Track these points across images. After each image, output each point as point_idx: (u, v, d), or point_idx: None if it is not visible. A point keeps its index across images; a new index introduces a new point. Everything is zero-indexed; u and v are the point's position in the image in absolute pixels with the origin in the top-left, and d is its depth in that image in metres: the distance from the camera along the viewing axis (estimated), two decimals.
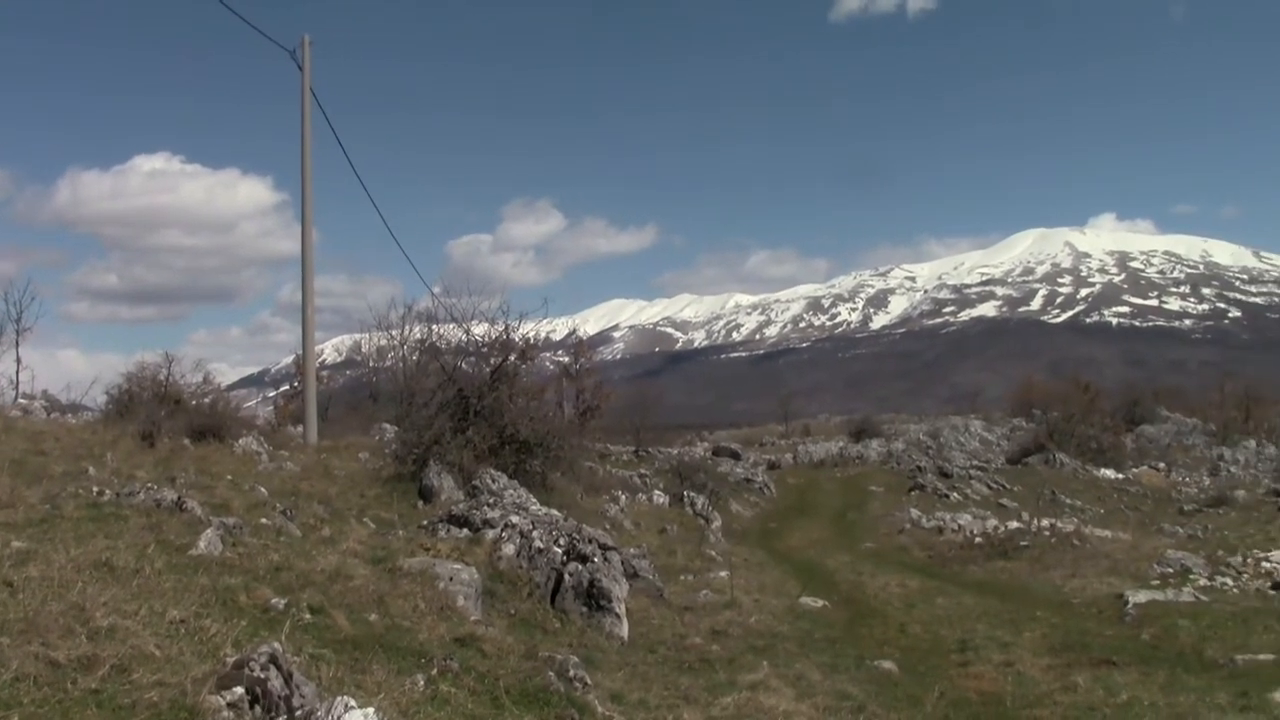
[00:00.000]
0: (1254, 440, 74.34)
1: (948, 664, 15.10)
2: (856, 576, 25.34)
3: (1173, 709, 11.91)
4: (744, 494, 46.42)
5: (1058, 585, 23.87)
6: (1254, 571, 24.35)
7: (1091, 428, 64.71)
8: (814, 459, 66.19)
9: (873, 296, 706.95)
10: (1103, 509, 44.12)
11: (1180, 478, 58.98)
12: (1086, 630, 17.66)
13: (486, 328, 31.24)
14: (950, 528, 34.71)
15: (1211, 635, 16.27)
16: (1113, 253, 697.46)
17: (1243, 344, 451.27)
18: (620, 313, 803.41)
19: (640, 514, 31.61)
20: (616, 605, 13.81)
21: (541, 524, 15.27)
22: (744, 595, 19.11)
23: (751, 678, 12.39)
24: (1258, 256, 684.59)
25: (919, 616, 19.27)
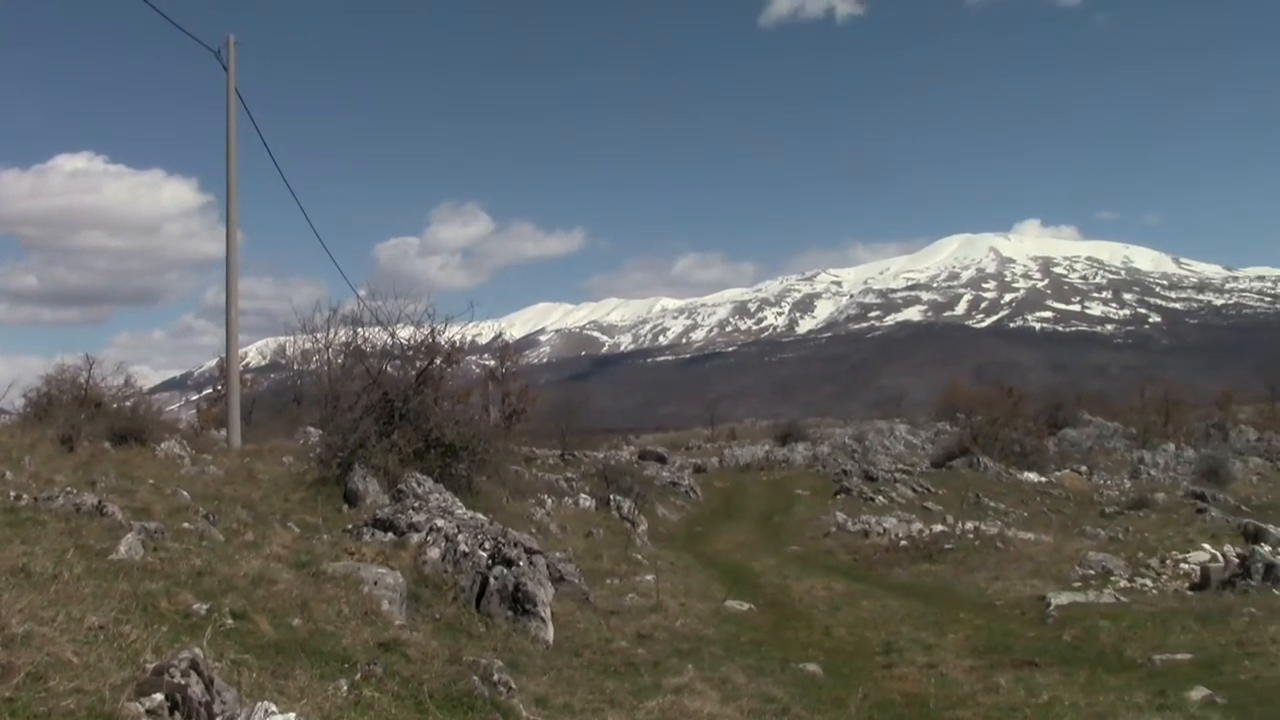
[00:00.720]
0: (1173, 443, 75.35)
1: (872, 666, 15.19)
2: (782, 580, 25.42)
3: (1093, 709, 12.03)
4: (670, 498, 46.48)
5: (981, 587, 24.05)
6: (1173, 573, 24.66)
7: (1015, 431, 65.35)
8: (740, 462, 66.43)
9: (799, 301, 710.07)
10: (1026, 512, 44.52)
11: (1102, 481, 59.62)
12: (1009, 632, 17.81)
13: (412, 331, 31.08)
14: (875, 531, 34.89)
15: (1131, 636, 16.46)
16: (1036, 258, 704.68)
17: (1163, 349, 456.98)
18: (547, 316, 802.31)
19: (566, 518, 31.60)
20: (542, 609, 13.78)
21: (467, 528, 15.21)
22: (670, 599, 19.12)
23: (677, 681, 12.39)
24: (1177, 263, 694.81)
25: (844, 619, 19.35)
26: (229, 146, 32.81)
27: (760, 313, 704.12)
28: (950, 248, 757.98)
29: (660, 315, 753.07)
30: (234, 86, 32.72)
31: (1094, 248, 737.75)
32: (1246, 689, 12.72)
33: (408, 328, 31.41)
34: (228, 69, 32.70)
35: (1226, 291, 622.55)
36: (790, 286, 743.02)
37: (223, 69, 32.77)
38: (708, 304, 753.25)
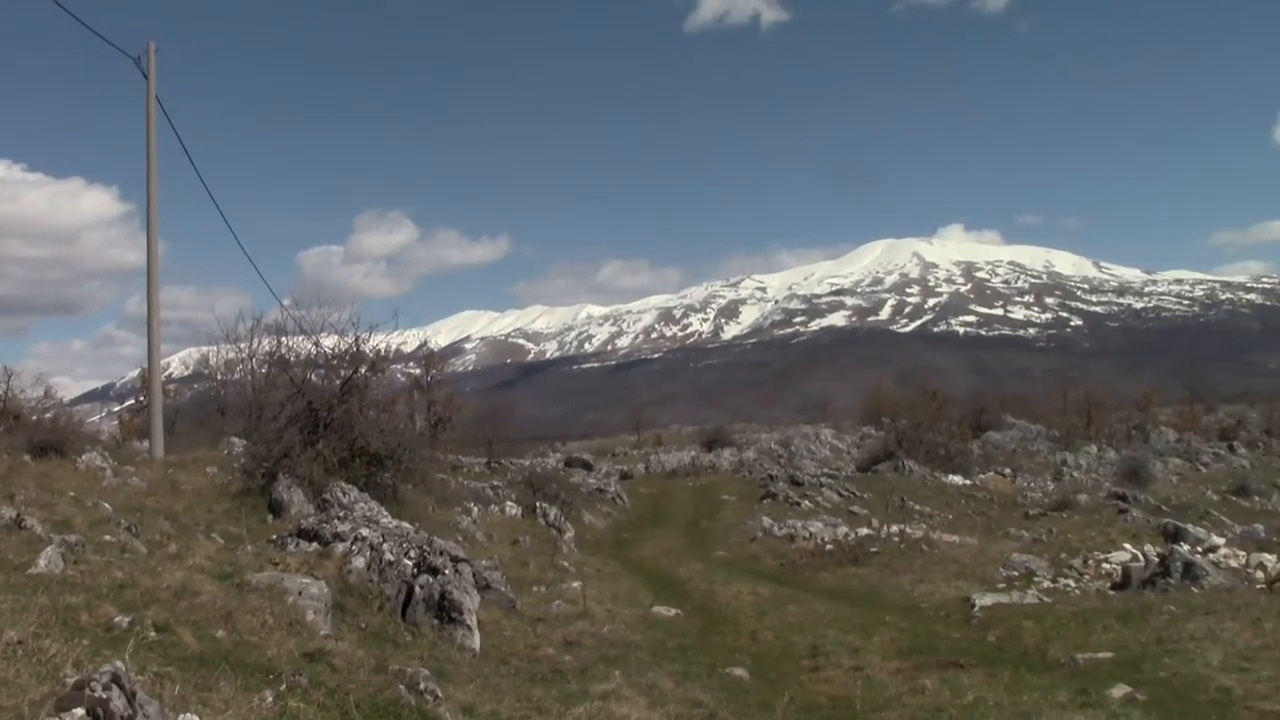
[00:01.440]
0: (1095, 445, 76.27)
1: (799, 669, 15.24)
2: (709, 585, 25.45)
3: (1016, 708, 12.14)
4: (597, 504, 46.43)
5: (907, 590, 24.20)
6: (1095, 572, 24.94)
7: (939, 435, 65.81)
8: (666, 469, 66.45)
9: (724, 307, 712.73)
10: (951, 514, 44.83)
11: (1025, 483, 60.20)
12: (934, 633, 17.92)
13: (337, 340, 30.92)
14: (801, 535, 35.01)
15: (1054, 635, 16.61)
16: (959, 263, 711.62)
17: (1084, 352, 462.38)
18: (472, 324, 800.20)
19: (493, 526, 31.51)
20: (468, 617, 13.75)
21: (392, 537, 15.15)
22: (597, 605, 19.11)
23: (604, 687, 12.39)
24: (1098, 267, 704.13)
25: (770, 623, 19.40)
26: (149, 155, 32.53)
27: (685, 319, 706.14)
28: (874, 253, 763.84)
29: (586, 322, 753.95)
30: (154, 94, 32.46)
31: (1016, 252, 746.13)
32: (1166, 686, 12.89)
33: (332, 336, 31.26)
34: (148, 77, 32.44)
35: (1146, 295, 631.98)
36: (715, 293, 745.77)
37: (143, 76, 32.51)
38: (633, 311, 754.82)
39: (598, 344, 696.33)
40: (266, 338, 43.24)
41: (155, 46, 32.99)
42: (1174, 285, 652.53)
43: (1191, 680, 13.02)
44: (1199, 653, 14.16)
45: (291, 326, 33.63)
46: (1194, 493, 59.56)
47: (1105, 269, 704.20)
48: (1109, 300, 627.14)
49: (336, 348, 30.66)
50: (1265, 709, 11.56)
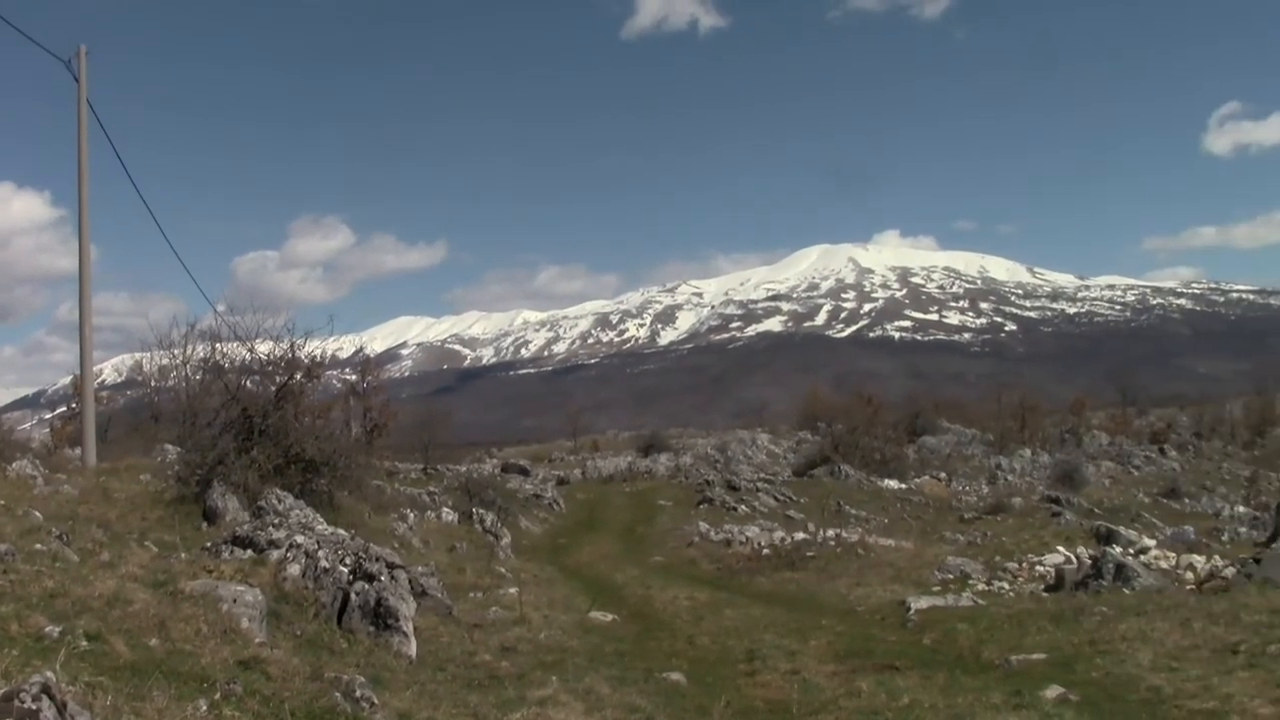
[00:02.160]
0: (1029, 449, 77.02)
1: (735, 674, 15.27)
2: (646, 590, 25.48)
3: (951, 710, 12.21)
4: (533, 510, 46.37)
5: (843, 594, 24.31)
6: (1029, 575, 25.19)
7: (875, 439, 66.15)
8: (603, 474, 66.45)
9: (661, 312, 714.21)
10: (886, 518, 45.08)
11: (960, 487, 60.66)
12: (870, 637, 18.01)
13: (272, 346, 30.71)
14: (738, 540, 35.09)
15: (988, 638, 16.73)
16: (895, 268, 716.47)
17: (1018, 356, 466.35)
18: (408, 330, 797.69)
19: (429, 532, 31.41)
20: (404, 624, 13.69)
21: (328, 543, 15.07)
22: (533, 611, 19.08)
23: (541, 693, 12.38)
24: (1031, 272, 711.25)
25: (707, 628, 19.44)
26: (80, 158, 32.20)
27: (622, 324, 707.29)
28: (810, 258, 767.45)
29: (522, 328, 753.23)
30: (85, 97, 32.13)
31: (951, 258, 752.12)
32: (1098, 686, 13.01)
33: (267, 343, 31.06)
34: (79, 80, 32.12)
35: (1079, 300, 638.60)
36: (652, 298, 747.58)
37: (74, 79, 32.18)
38: (569, 316, 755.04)
39: (534, 350, 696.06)
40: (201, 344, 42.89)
41: (86, 49, 32.67)
42: (1106, 291, 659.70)
43: (1123, 680, 13.15)
44: (1130, 653, 14.31)
45: (226, 333, 33.36)
46: (1126, 495, 60.26)
47: (1039, 274, 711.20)
48: (1043, 305, 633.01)
49: (271, 354, 30.45)
50: (1194, 707, 11.70)
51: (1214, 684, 12.30)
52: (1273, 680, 12.07)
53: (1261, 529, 37.30)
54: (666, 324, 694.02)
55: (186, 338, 48.13)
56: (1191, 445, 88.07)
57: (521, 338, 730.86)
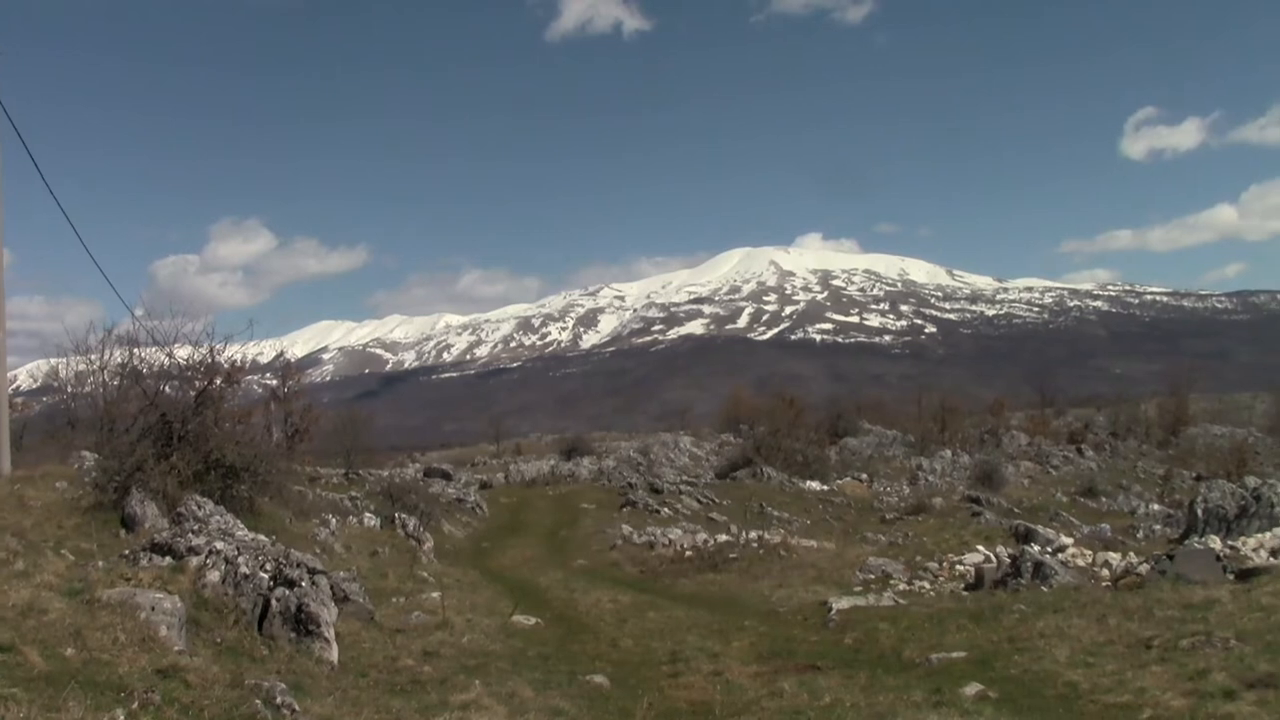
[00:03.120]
0: (949, 450, 77.51)
1: (659, 676, 15.31)
2: (569, 593, 25.49)
3: (873, 708, 12.30)
4: (456, 514, 46.20)
5: (765, 595, 24.43)
6: (949, 574, 25.42)
7: (797, 441, 66.46)
8: (526, 478, 66.40)
9: (583, 316, 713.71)
10: (808, 520, 45.32)
11: (881, 488, 61.05)
12: (792, 637, 18.12)
13: (191, 351, 30.38)
14: (661, 542, 35.15)
15: (909, 637, 16.87)
16: (816, 271, 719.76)
17: (938, 358, 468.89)
18: (329, 334, 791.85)
19: (351, 537, 31.22)
20: (325, 630, 13.62)
21: (248, 549, 14.95)
22: (456, 615, 19.03)
23: (463, 697, 12.36)
24: (951, 275, 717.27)
25: (631, 630, 19.48)
26: None
27: (544, 328, 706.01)
28: (732, 261, 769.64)
29: (444, 332, 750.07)
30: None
31: (871, 261, 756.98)
32: (1016, 683, 13.16)
33: (186, 347, 30.73)
34: None
35: (997, 302, 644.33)
36: (574, 302, 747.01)
37: None
38: (492, 320, 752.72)
39: (456, 353, 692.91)
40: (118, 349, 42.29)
41: None
42: (1024, 293, 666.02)
43: (1040, 676, 13.32)
44: (1048, 649, 14.49)
45: (144, 337, 32.98)
46: (1044, 495, 60.87)
47: (958, 277, 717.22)
48: (962, 307, 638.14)
49: (191, 359, 30.15)
50: (1108, 701, 11.87)
51: (1128, 678, 12.50)
52: (1184, 673, 12.28)
53: (1175, 526, 37.83)
54: (589, 327, 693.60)
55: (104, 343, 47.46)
56: (1108, 445, 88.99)
57: (444, 341, 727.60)
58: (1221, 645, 13.20)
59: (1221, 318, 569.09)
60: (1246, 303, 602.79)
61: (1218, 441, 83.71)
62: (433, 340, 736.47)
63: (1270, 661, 12.22)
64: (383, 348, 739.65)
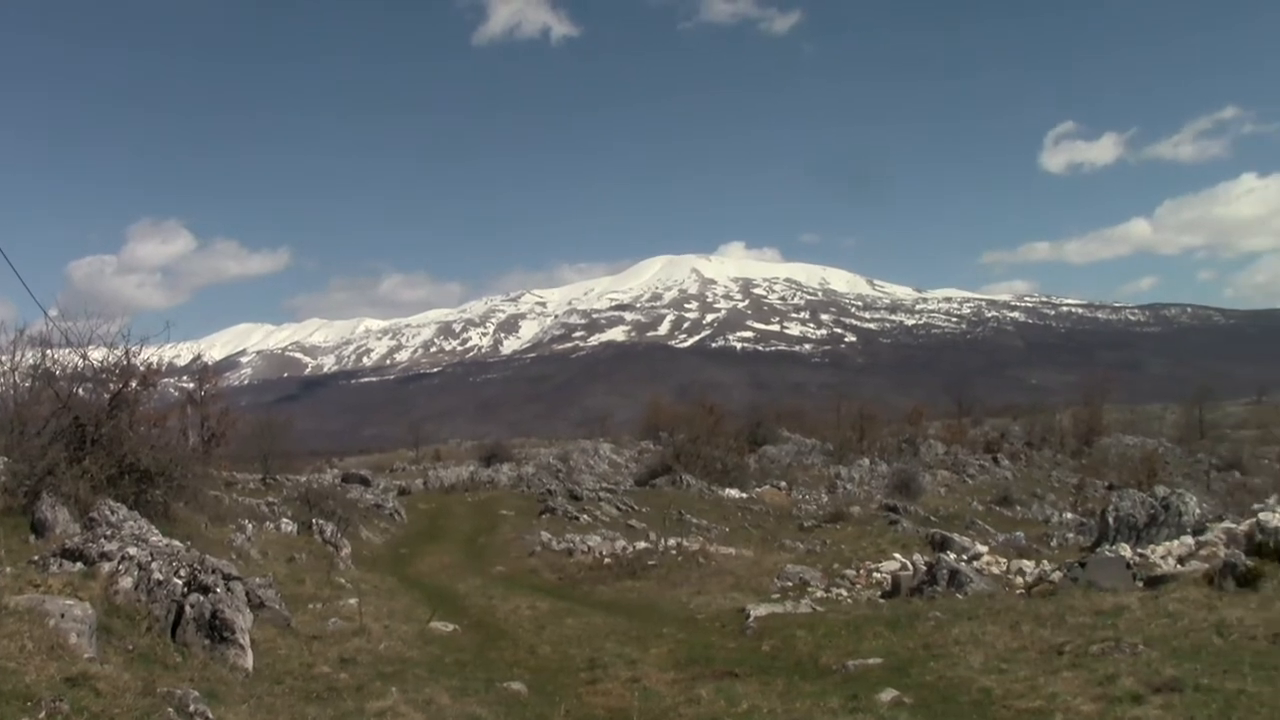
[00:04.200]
0: (868, 459, 77.98)
1: (577, 683, 15.30)
2: (487, 600, 25.42)
3: (790, 715, 12.38)
4: (374, 520, 45.94)
5: (684, 602, 24.47)
6: (866, 581, 25.62)
7: (716, 449, 66.60)
8: (445, 484, 66.21)
9: (504, 321, 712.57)
10: (727, 527, 45.44)
11: (800, 495, 61.28)
12: (710, 644, 18.17)
13: (106, 353, 30.01)
14: (580, 549, 35.13)
15: (826, 643, 16.98)
16: (737, 279, 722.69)
17: (857, 367, 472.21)
18: (248, 337, 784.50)
19: (268, 543, 30.94)
20: (240, 636, 13.49)
21: (162, 555, 14.80)
22: (374, 622, 18.92)
23: (380, 704, 12.31)
24: (871, 284, 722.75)
25: (549, 637, 19.45)
26: None
27: (465, 333, 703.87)
28: (654, 268, 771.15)
29: (364, 336, 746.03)
30: None
31: (792, 270, 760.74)
32: (931, 689, 13.28)
33: (101, 349, 30.35)
34: None
35: (917, 312, 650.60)
36: (495, 307, 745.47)
37: None
38: (412, 324, 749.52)
39: (376, 358, 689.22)
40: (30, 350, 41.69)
41: None
42: (943, 303, 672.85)
43: (955, 682, 13.44)
44: (962, 656, 14.64)
45: (58, 338, 32.45)
46: (960, 503, 61.43)
47: (878, 286, 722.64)
48: (882, 317, 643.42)
49: (106, 361, 29.79)
50: (1021, 707, 12.01)
51: (1040, 684, 12.65)
52: (1094, 679, 12.45)
53: (1088, 534, 38.25)
54: (510, 333, 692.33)
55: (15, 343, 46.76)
56: (1023, 454, 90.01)
57: (363, 346, 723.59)
58: (1130, 651, 13.40)
59: (1134, 330, 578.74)
60: (1158, 316, 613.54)
61: (1129, 451, 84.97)
62: (352, 344, 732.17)
63: (1176, 666, 12.41)
64: (302, 351, 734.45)
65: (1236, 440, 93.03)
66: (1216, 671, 12.01)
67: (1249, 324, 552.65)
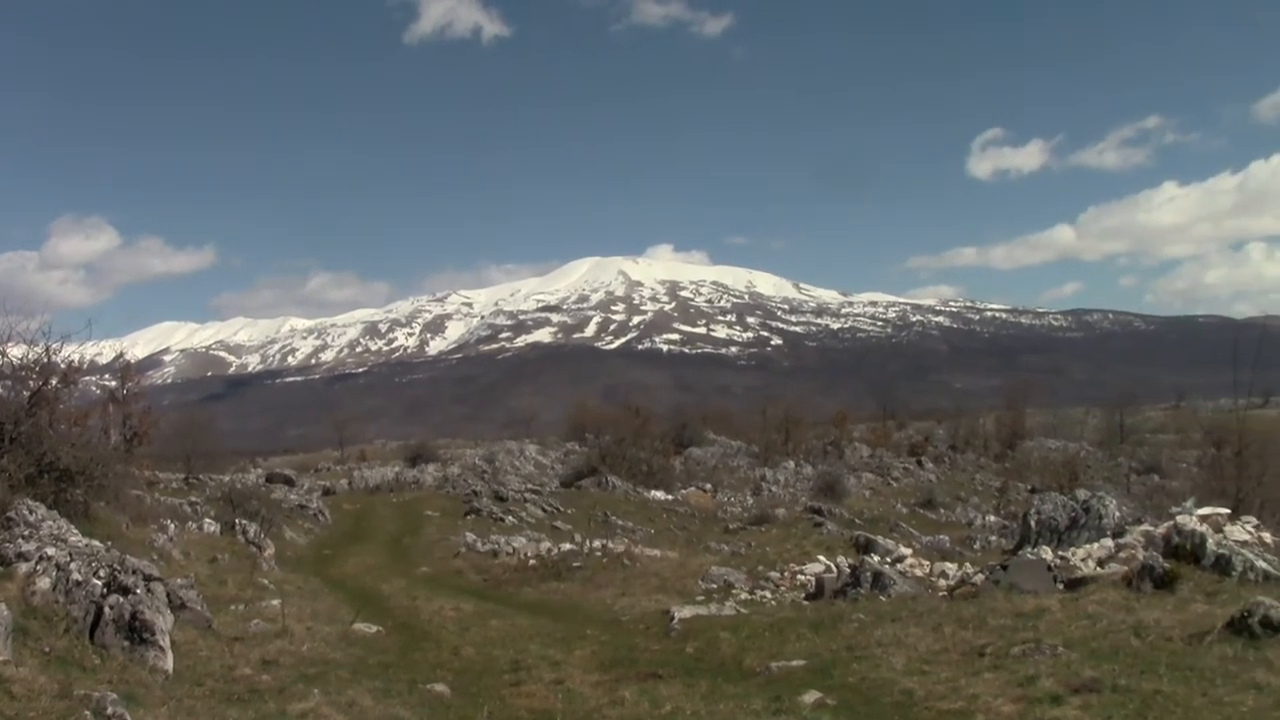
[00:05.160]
0: (793, 461, 78.46)
1: (500, 684, 15.26)
2: (411, 601, 25.31)
3: (713, 716, 12.41)
4: (299, 521, 45.61)
5: (609, 604, 24.48)
6: (791, 584, 25.71)
7: (642, 451, 66.67)
8: (370, 484, 65.83)
9: (430, 322, 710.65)
10: (653, 529, 45.48)
11: (725, 498, 61.50)
12: (635, 646, 18.18)
13: (25, 350, 29.61)
14: (505, 550, 35.06)
15: (750, 645, 17.04)
16: (664, 282, 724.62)
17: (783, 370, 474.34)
18: (171, 336, 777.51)
19: (190, 543, 30.67)
20: (160, 638, 13.37)
21: (81, 556, 14.64)
22: (297, 623, 18.79)
23: (302, 706, 12.24)
24: (797, 288, 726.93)
25: (473, 639, 19.39)
26: None
27: (391, 333, 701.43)
28: (581, 270, 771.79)
29: (289, 335, 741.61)
30: None
31: (719, 273, 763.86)
32: (854, 690, 13.37)
33: (20, 346, 29.95)
34: None
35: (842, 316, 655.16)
36: (421, 307, 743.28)
37: None
38: (338, 324, 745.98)
39: (302, 357, 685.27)
40: None
41: None
42: (869, 307, 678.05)
43: (877, 684, 13.54)
44: (885, 658, 14.74)
45: None
46: (885, 506, 61.94)
47: (804, 290, 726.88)
48: (808, 320, 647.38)
49: (25, 358, 29.41)
50: (942, 708, 12.12)
51: (962, 685, 12.77)
52: (1015, 680, 12.59)
53: (1010, 537, 38.59)
54: (436, 333, 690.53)
55: None
56: (947, 458, 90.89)
57: (289, 345, 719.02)
58: (1050, 652, 13.55)
59: (1057, 335, 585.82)
60: (1081, 321, 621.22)
61: (1051, 455, 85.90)
62: (278, 344, 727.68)
63: (1095, 667, 12.57)
64: (226, 350, 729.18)
65: (1156, 444, 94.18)
66: (1134, 672, 12.17)
67: (1168, 330, 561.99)
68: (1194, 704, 10.97)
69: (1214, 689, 11.35)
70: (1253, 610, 13.15)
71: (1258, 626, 12.92)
